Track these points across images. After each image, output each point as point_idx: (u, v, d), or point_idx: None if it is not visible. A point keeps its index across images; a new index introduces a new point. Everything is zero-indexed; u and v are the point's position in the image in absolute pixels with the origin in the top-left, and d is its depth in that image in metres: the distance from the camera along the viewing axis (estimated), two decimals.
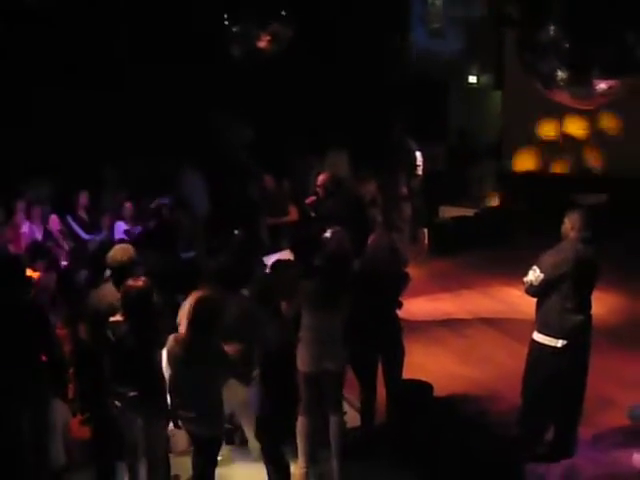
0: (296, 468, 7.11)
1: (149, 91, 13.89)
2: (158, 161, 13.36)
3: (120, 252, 6.90)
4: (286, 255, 8.23)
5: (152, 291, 6.29)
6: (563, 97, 9.00)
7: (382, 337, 7.44)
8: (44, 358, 6.60)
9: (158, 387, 6.33)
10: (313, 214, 10.61)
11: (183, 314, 6.93)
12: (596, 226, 7.11)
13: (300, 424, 7.10)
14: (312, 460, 7.15)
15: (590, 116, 15.09)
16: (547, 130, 15.81)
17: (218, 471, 6.57)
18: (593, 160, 15.67)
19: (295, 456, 7.14)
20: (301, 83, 15.05)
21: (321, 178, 10.53)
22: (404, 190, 12.93)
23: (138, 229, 11.51)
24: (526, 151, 16.12)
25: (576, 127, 15.55)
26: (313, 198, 10.71)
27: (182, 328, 6.73)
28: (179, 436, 7.15)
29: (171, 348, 6.24)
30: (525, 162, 16.21)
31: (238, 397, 7.02)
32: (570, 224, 6.99)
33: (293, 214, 11.29)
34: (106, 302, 6.57)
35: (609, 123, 15.39)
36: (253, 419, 6.95)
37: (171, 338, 6.27)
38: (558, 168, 15.91)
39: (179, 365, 6.20)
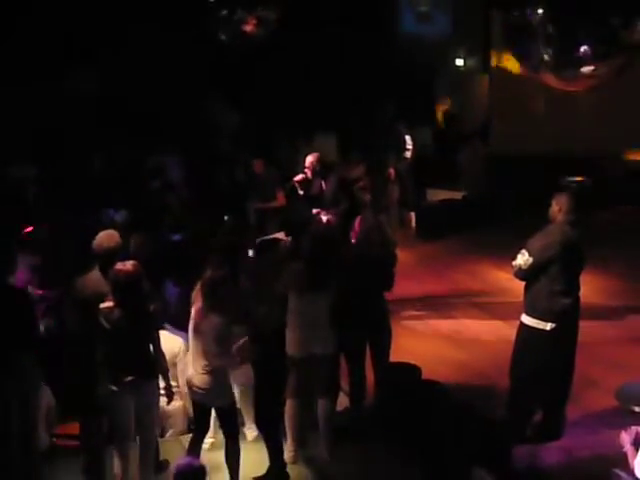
0: (285, 451, 7.13)
1: (134, 76, 13.83)
2: (144, 146, 13.30)
3: (106, 238, 6.88)
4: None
5: (142, 274, 6.28)
6: (550, 79, 9.02)
7: (369, 320, 7.45)
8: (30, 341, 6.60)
9: (153, 370, 6.35)
10: (301, 192, 10.66)
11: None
12: (582, 208, 7.14)
13: (288, 407, 7.13)
14: (300, 443, 7.17)
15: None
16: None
17: (212, 455, 6.61)
18: None
19: (284, 439, 7.18)
20: (288, 67, 14.99)
21: (309, 159, 10.62)
22: (392, 173, 12.94)
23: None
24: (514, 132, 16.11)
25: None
26: (301, 176, 10.76)
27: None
28: (180, 417, 7.18)
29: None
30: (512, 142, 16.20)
31: (236, 380, 7.03)
32: (558, 207, 7.00)
33: (280, 199, 11.28)
34: (91, 289, 6.56)
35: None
36: (251, 402, 7.00)
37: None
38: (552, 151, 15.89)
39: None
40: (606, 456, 6.46)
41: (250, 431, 7.32)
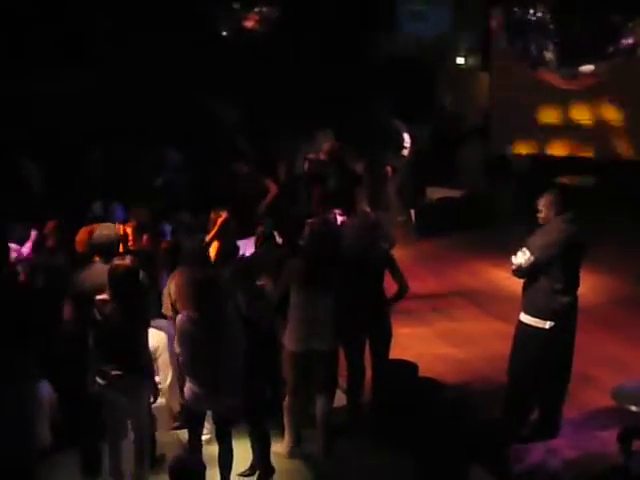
0: (282, 447, 7.14)
1: (134, 71, 13.82)
2: (143, 143, 13.31)
3: (105, 230, 6.92)
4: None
5: (138, 270, 6.30)
6: (550, 77, 9.02)
7: (369, 317, 7.45)
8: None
9: (143, 366, 6.34)
10: (306, 168, 10.75)
11: (168, 293, 6.98)
12: (579, 206, 7.14)
13: (287, 403, 7.13)
14: (298, 439, 7.18)
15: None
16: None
17: (211, 449, 6.62)
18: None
19: (281, 434, 7.18)
20: (287, 64, 15.00)
21: (328, 145, 10.69)
22: (389, 171, 12.94)
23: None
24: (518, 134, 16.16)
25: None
26: (314, 156, 10.84)
27: (165, 308, 6.79)
28: (164, 414, 7.16)
29: (185, 328, 6.25)
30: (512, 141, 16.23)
31: None
32: (544, 207, 7.01)
33: (273, 189, 11.25)
34: (90, 282, 6.58)
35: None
36: None
37: (182, 318, 6.27)
38: (552, 151, 15.89)
39: (196, 344, 6.23)
40: (602, 455, 6.47)
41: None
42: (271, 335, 7.11)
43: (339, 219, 9.27)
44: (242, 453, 6.86)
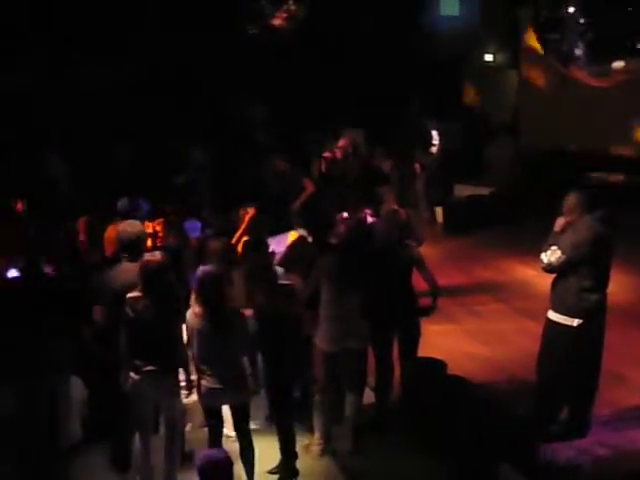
0: (312, 444, 7.15)
1: (160, 67, 13.88)
2: (170, 139, 13.35)
3: (130, 227, 6.95)
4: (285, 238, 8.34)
5: (169, 266, 6.32)
6: (581, 74, 8.96)
7: (398, 315, 7.45)
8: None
9: (176, 362, 6.37)
10: (323, 169, 10.72)
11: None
12: (609, 204, 7.09)
13: (318, 401, 7.14)
14: (328, 436, 7.18)
15: None
16: None
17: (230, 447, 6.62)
18: None
19: (311, 432, 7.19)
20: (317, 61, 14.99)
21: (342, 141, 10.67)
22: (418, 168, 12.93)
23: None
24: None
25: None
26: (330, 154, 10.83)
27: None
28: (195, 411, 7.19)
29: (192, 323, 6.27)
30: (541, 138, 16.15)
31: None
32: (567, 205, 6.98)
33: (309, 187, 11.24)
34: (120, 281, 6.61)
35: None
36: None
37: (190, 314, 6.30)
38: (582, 147, 15.78)
39: (204, 338, 6.24)
40: (633, 454, 6.44)
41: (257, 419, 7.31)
42: (296, 331, 7.08)
43: (369, 218, 9.26)
44: (269, 450, 6.88)
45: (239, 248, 8.15)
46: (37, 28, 13.08)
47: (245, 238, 8.51)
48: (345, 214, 8.93)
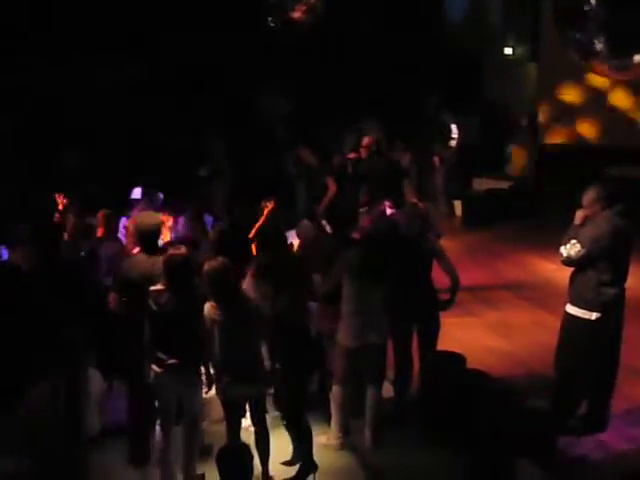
0: (330, 438, 7.16)
1: (182, 61, 13.92)
2: (192, 133, 13.40)
3: (148, 218, 6.96)
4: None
5: (192, 260, 6.35)
6: (601, 69, 8.92)
7: (417, 308, 7.45)
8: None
9: (198, 355, 6.40)
10: (350, 170, 10.73)
11: None
12: (628, 198, 7.07)
13: (335, 394, 7.15)
14: (346, 430, 7.20)
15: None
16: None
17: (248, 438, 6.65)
18: None
19: (329, 426, 7.20)
20: (336, 55, 14.99)
21: (366, 140, 10.66)
22: (437, 161, 12.93)
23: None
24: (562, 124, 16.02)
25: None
26: (354, 155, 10.83)
27: None
28: (215, 404, 7.22)
29: (211, 315, 6.31)
30: (561, 135, 16.10)
31: None
32: (586, 200, 6.96)
33: (332, 188, 11.23)
34: (136, 271, 6.63)
35: None
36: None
37: (208, 305, 6.33)
38: (601, 141, 15.72)
39: (223, 330, 6.27)
40: None
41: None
42: (305, 327, 7.07)
43: (389, 211, 9.26)
44: (283, 442, 6.88)
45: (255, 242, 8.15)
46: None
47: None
48: (366, 207, 8.93)
